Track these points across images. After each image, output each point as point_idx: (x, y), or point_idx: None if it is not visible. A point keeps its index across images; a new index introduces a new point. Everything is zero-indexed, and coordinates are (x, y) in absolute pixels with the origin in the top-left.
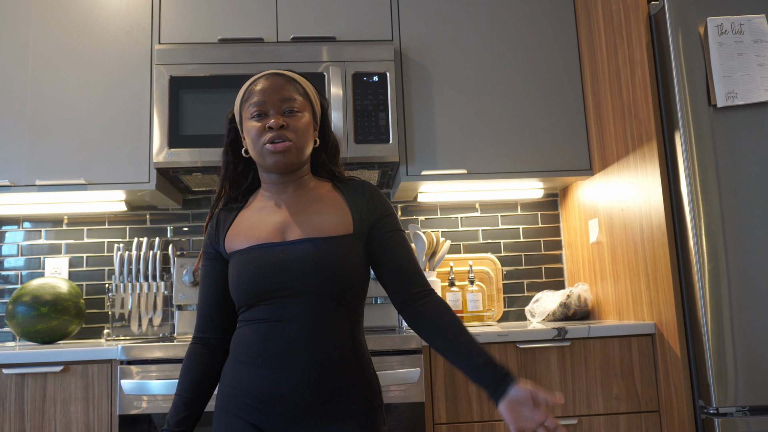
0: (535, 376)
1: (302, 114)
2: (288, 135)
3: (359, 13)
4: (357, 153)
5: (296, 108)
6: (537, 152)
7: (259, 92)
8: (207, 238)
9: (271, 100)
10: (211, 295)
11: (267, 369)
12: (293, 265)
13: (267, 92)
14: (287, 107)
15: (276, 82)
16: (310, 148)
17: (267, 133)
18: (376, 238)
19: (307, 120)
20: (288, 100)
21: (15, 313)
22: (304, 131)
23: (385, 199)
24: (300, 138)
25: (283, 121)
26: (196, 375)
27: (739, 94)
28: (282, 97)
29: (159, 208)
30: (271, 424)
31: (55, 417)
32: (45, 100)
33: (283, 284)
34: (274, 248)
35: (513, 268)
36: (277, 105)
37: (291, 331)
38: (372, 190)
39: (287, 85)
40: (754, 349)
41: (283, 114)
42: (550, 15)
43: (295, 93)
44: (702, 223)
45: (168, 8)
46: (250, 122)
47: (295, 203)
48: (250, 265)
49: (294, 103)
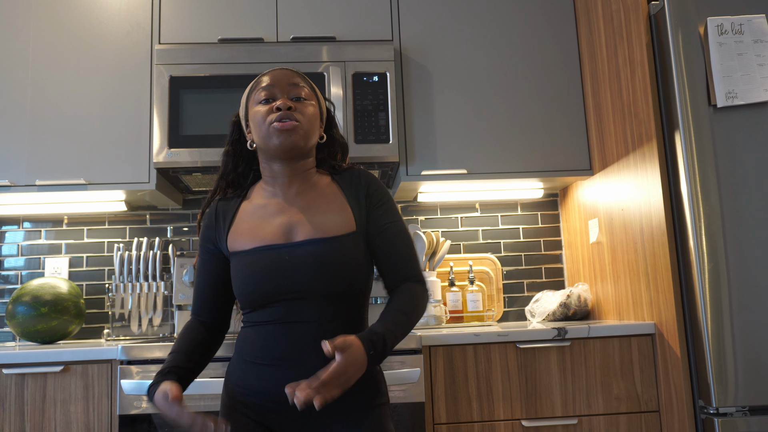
0: (535, 376)
1: (310, 102)
2: (296, 116)
3: (359, 13)
4: (357, 153)
5: (304, 96)
6: (537, 152)
7: (268, 79)
8: (204, 232)
9: (279, 85)
10: (208, 288)
11: (274, 368)
12: (299, 268)
13: (276, 78)
14: (295, 94)
15: (285, 72)
16: (316, 138)
17: (274, 114)
18: (370, 228)
19: (314, 109)
20: (296, 87)
21: (15, 313)
22: (312, 118)
23: (381, 188)
24: (307, 122)
25: (292, 104)
26: (190, 337)
27: (739, 94)
28: (290, 83)
29: (159, 208)
30: (278, 423)
31: (55, 417)
32: (45, 100)
33: (289, 287)
34: (279, 250)
35: (513, 268)
36: (286, 90)
37: (298, 332)
38: (367, 179)
39: (295, 75)
40: (754, 349)
41: (291, 99)
42: (550, 15)
43: (303, 83)
44: (702, 223)
45: (168, 8)
46: (257, 107)
47: (300, 202)
48: (256, 268)
49: (302, 90)
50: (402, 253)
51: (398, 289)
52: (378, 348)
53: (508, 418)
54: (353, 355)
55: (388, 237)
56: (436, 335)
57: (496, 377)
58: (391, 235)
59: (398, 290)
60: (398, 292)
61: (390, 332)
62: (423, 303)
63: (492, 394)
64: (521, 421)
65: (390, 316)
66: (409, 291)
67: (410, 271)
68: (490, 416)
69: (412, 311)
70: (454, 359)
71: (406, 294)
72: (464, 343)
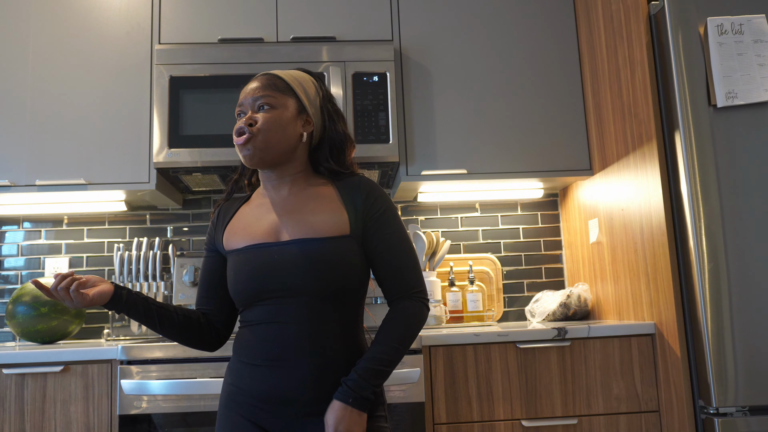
0: (535, 376)
1: (274, 109)
2: (251, 129)
3: (359, 13)
4: (357, 153)
5: (269, 104)
6: (537, 152)
7: (241, 94)
8: (209, 231)
9: (246, 101)
10: (204, 283)
11: (267, 369)
12: (287, 266)
13: (244, 93)
14: (259, 104)
15: (256, 83)
16: (286, 143)
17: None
18: (368, 238)
19: (277, 114)
20: (261, 98)
21: (15, 313)
22: (272, 124)
23: (382, 197)
24: (266, 131)
25: (252, 118)
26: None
27: (739, 94)
28: (255, 96)
29: (159, 208)
30: (272, 423)
31: (55, 417)
32: (45, 100)
33: (278, 285)
34: (269, 248)
35: (513, 268)
36: (252, 104)
37: (289, 332)
38: (369, 188)
39: (265, 84)
40: (754, 349)
41: (257, 111)
42: (550, 15)
43: (272, 90)
44: (702, 223)
45: (168, 8)
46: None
47: (291, 202)
48: (246, 266)
49: (267, 99)
50: (403, 264)
51: (393, 307)
52: (360, 392)
53: (508, 418)
54: (335, 418)
55: (388, 249)
56: (436, 335)
57: (496, 377)
58: (392, 245)
59: (392, 310)
60: (391, 317)
61: (370, 371)
62: (418, 321)
63: (492, 394)
64: (521, 421)
65: (374, 351)
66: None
67: (411, 283)
68: (490, 416)
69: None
70: (454, 359)
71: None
72: (464, 343)
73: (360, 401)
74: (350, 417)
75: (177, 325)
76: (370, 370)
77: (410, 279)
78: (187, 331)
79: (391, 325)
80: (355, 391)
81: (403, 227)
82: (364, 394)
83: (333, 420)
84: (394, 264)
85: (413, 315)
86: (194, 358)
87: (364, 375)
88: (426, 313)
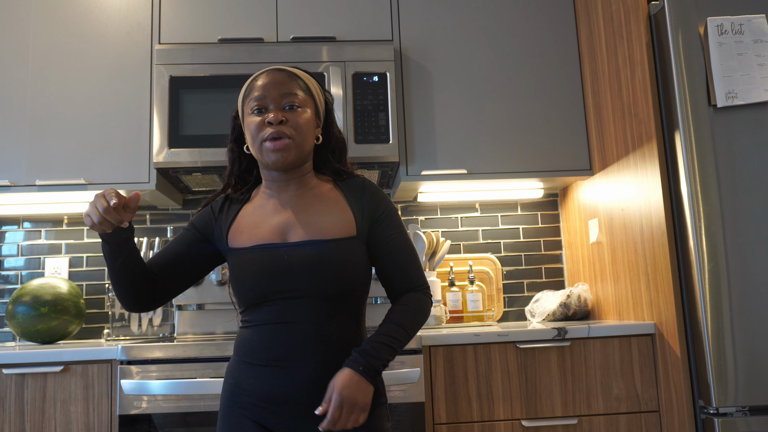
0: (535, 376)
1: (303, 110)
2: (287, 131)
3: (359, 13)
4: (357, 153)
5: (297, 103)
6: (537, 152)
7: (260, 87)
8: (201, 215)
9: (270, 95)
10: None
11: (272, 369)
12: (298, 268)
13: (267, 87)
14: (287, 102)
15: (277, 78)
16: (310, 145)
17: (266, 129)
18: (374, 238)
19: (308, 116)
20: (288, 95)
21: (15, 313)
22: (305, 127)
23: (386, 199)
24: (300, 135)
25: (283, 117)
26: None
27: (739, 94)
28: (282, 92)
29: (159, 208)
30: (276, 423)
31: (55, 417)
32: (45, 100)
33: (287, 286)
34: (278, 249)
35: (513, 268)
36: (277, 100)
37: (295, 332)
38: (373, 190)
39: (288, 81)
40: (754, 349)
41: (283, 109)
42: (550, 15)
43: (297, 88)
44: (702, 223)
45: (168, 8)
46: (250, 117)
47: (297, 203)
48: (254, 266)
49: (294, 98)
50: (407, 263)
51: (401, 298)
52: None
53: (508, 418)
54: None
55: (394, 248)
56: (436, 335)
57: (496, 377)
58: (396, 246)
59: (401, 300)
60: (400, 303)
61: (381, 344)
62: (425, 311)
63: (492, 394)
64: (521, 421)
65: (384, 329)
66: (410, 301)
67: (415, 281)
68: (490, 416)
69: (409, 321)
70: (454, 359)
71: (407, 304)
72: (464, 343)
73: (370, 371)
74: (357, 384)
75: (137, 271)
76: (382, 343)
77: (415, 276)
78: (137, 283)
79: (400, 310)
80: (366, 359)
81: (404, 228)
82: (374, 363)
83: (339, 383)
84: (399, 263)
85: (421, 304)
86: (194, 358)
87: (376, 347)
88: (430, 306)
